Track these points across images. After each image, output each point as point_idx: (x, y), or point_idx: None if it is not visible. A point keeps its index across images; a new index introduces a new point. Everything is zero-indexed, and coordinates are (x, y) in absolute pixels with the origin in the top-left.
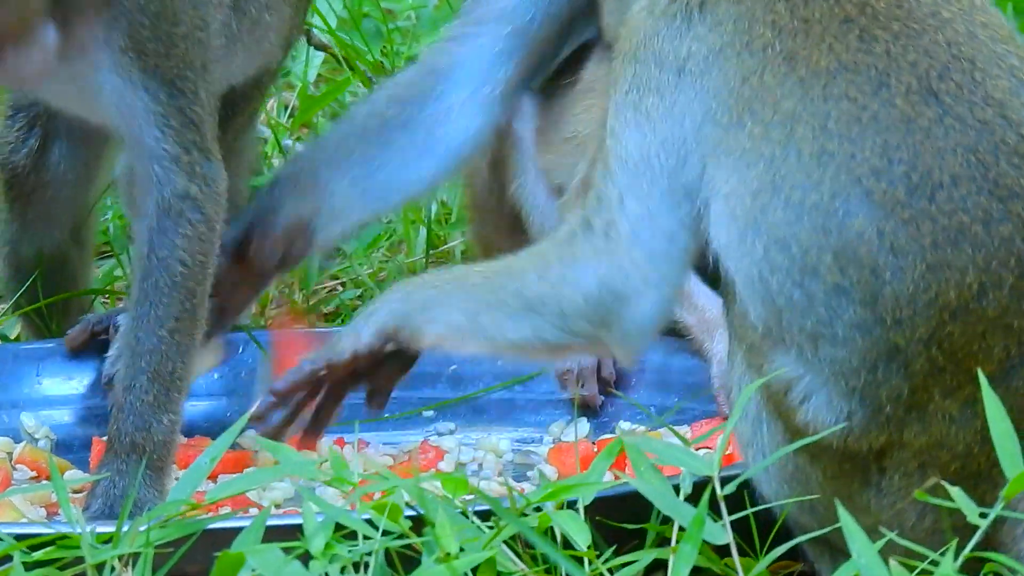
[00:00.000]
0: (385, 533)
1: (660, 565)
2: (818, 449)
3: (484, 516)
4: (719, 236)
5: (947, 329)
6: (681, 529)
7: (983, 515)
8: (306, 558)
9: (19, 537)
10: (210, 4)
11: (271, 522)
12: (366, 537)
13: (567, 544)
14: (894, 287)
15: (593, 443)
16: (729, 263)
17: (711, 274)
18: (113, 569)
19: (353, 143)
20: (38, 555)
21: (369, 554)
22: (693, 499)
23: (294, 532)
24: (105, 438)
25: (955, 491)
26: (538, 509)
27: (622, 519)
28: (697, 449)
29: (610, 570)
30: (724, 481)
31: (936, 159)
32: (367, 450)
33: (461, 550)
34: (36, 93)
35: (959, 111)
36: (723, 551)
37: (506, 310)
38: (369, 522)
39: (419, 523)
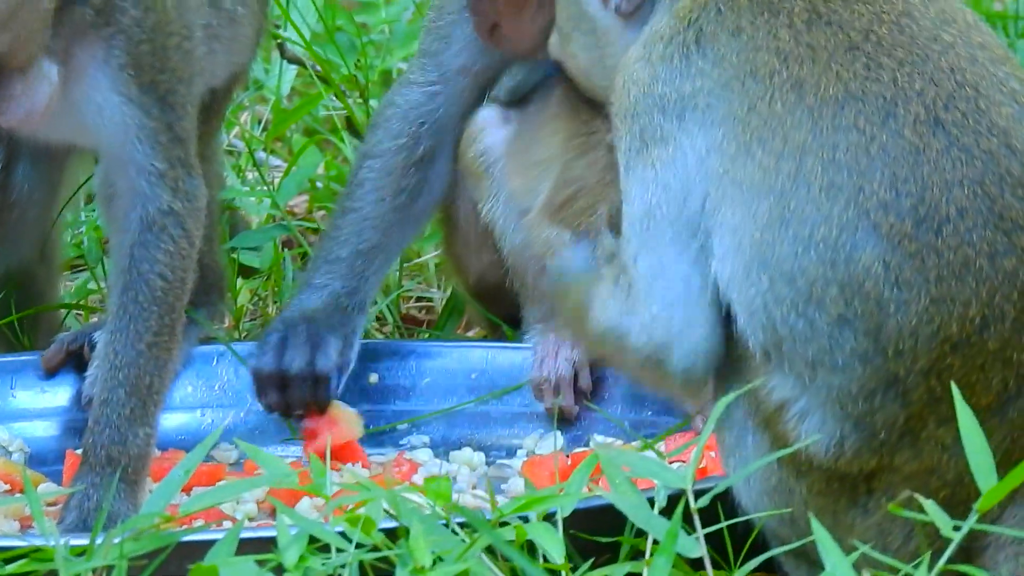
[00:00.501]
0: (359, 546)
1: None
2: (807, 466)
3: (460, 528)
4: (723, 268)
5: (948, 361)
6: (655, 542)
7: (956, 528)
8: (280, 571)
9: None
10: (191, 9)
11: (245, 534)
12: (339, 550)
13: (542, 556)
14: (898, 319)
15: (567, 456)
16: (731, 294)
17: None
18: None
19: (390, 228)
20: (12, 568)
21: (343, 566)
22: (668, 512)
23: (268, 545)
24: (79, 451)
25: (928, 504)
26: (523, 519)
27: (597, 532)
28: (672, 462)
29: None
30: (698, 494)
31: (943, 192)
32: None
33: (438, 561)
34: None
35: (965, 142)
36: (697, 564)
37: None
38: (343, 535)
39: (393, 535)
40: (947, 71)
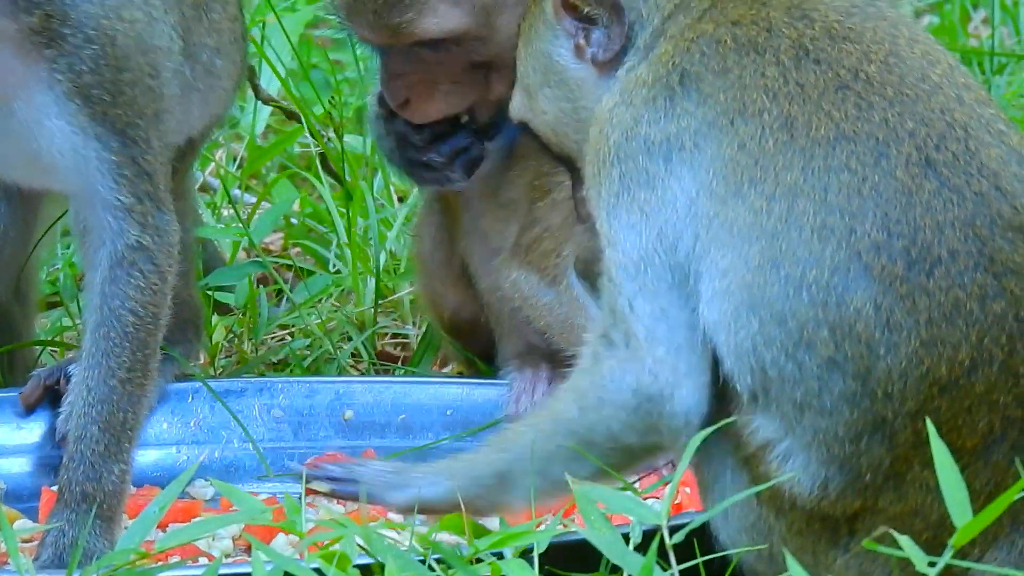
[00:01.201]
0: None
1: None
2: (788, 506)
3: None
4: (711, 311)
5: (935, 403)
6: None
7: (932, 564)
8: None
9: None
10: (159, 51)
11: (222, 571)
12: None
13: None
14: (887, 362)
15: None
16: (719, 337)
17: None
18: None
19: None
20: None
21: None
22: (644, 548)
23: None
24: (55, 488)
25: (903, 539)
26: (498, 555)
27: (572, 568)
28: (646, 499)
29: None
30: (673, 530)
31: (935, 233)
32: (317, 499)
33: None
34: None
35: (956, 183)
36: None
37: (567, 454)
38: (318, 571)
39: (369, 572)
40: (937, 111)
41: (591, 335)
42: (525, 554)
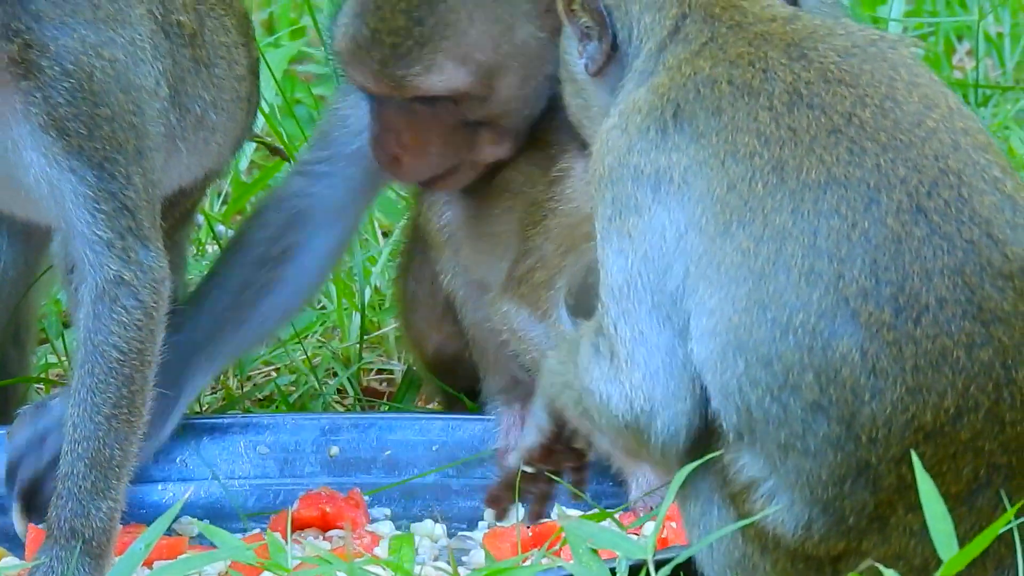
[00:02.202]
0: None
1: None
2: (773, 544)
3: None
4: (700, 349)
5: (920, 449)
6: None
7: None
8: None
9: None
10: (143, 90)
11: None
12: None
13: None
14: (872, 407)
15: (528, 528)
16: (707, 375)
17: None
18: None
19: (224, 324)
20: None
21: None
22: None
23: None
24: (41, 526)
25: (890, 573)
26: None
27: None
28: (632, 533)
29: None
30: (659, 565)
31: (924, 281)
32: (303, 535)
33: None
34: None
35: (947, 230)
36: None
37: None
38: None
39: None
40: (931, 158)
41: (588, 328)
42: None
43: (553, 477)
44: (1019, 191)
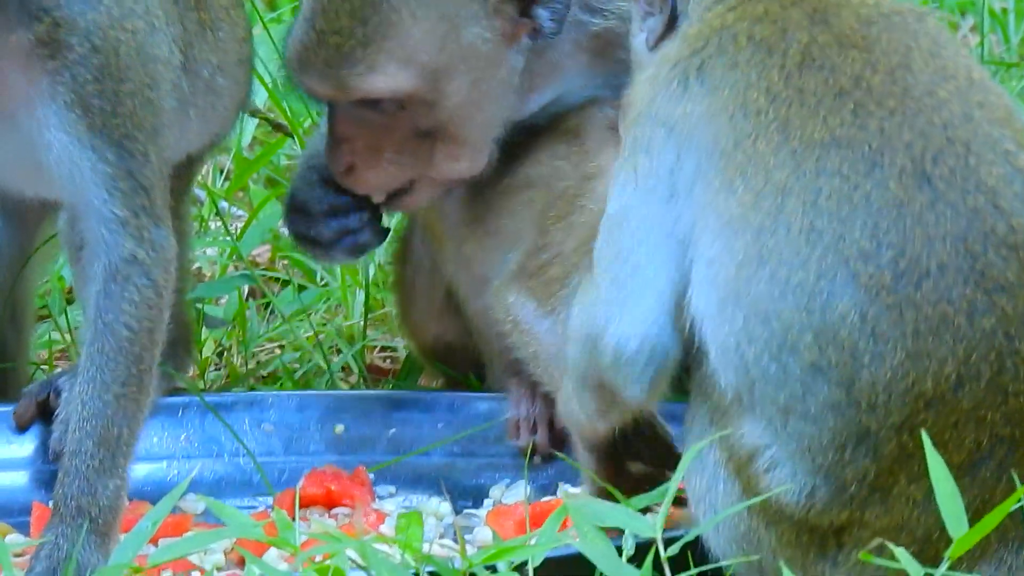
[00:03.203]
0: None
1: None
2: (777, 516)
3: None
4: (698, 302)
5: (920, 417)
6: None
7: (928, 575)
8: None
9: None
10: (159, 61)
11: None
12: None
13: None
14: (871, 372)
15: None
16: (705, 329)
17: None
18: None
19: None
20: None
21: None
22: (637, 560)
23: None
24: (47, 503)
25: (900, 551)
26: (491, 569)
27: None
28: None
29: None
30: (667, 542)
31: (925, 246)
32: (308, 512)
33: None
34: None
35: (951, 197)
36: None
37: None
38: None
39: None
40: (939, 126)
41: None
42: (519, 568)
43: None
44: None
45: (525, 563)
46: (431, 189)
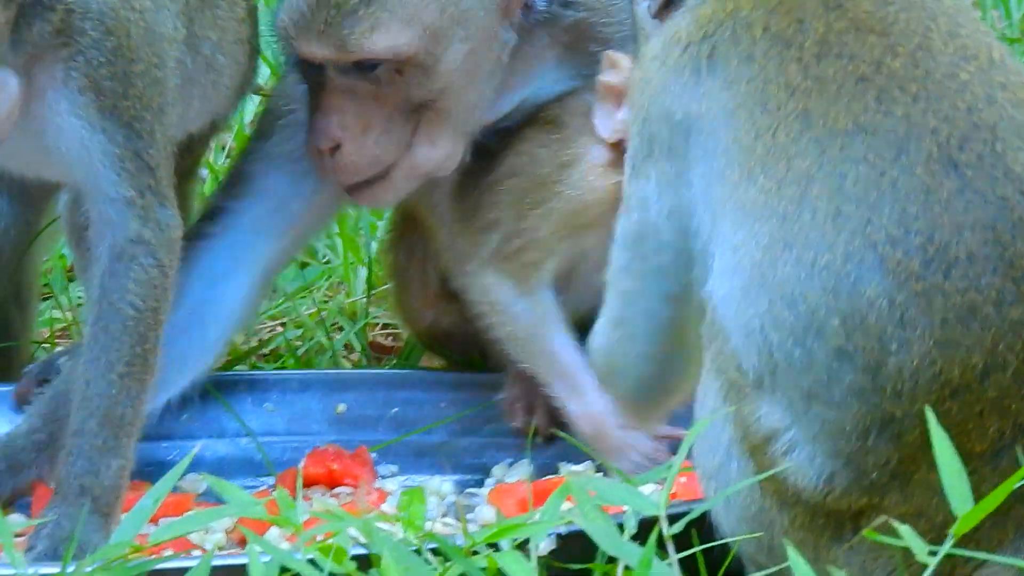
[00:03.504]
0: (330, 574)
1: None
2: (793, 499)
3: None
4: (720, 286)
5: (946, 405)
6: (628, 568)
7: (932, 553)
8: None
9: None
10: (164, 39)
11: (216, 562)
12: None
13: None
14: (898, 358)
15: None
16: (728, 312)
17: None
18: None
19: None
20: None
21: None
22: (641, 537)
23: (239, 573)
24: (46, 483)
25: (904, 529)
26: (493, 547)
27: (568, 559)
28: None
29: None
30: (672, 519)
31: (954, 234)
32: (310, 492)
33: None
34: None
35: (979, 185)
36: None
37: None
38: (313, 563)
39: (364, 564)
40: (963, 110)
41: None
42: (521, 545)
43: None
44: None
45: (527, 541)
46: (403, 181)
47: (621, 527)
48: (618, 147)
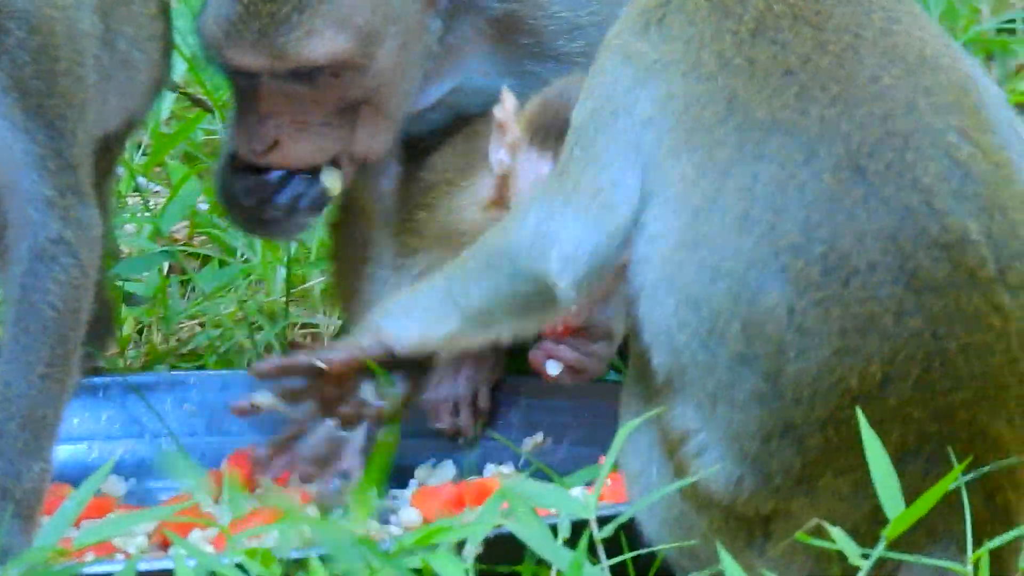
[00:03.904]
0: None
1: None
2: (707, 502)
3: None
4: (637, 276)
5: (846, 413)
6: (559, 572)
7: (865, 556)
8: None
9: None
10: (84, 36)
11: (143, 567)
12: None
13: None
14: (797, 366)
15: (457, 486)
16: (641, 307)
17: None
18: None
19: None
20: None
21: None
22: (572, 541)
23: None
24: None
25: (835, 531)
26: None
27: (497, 561)
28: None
29: None
30: (602, 522)
31: (855, 243)
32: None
33: None
34: None
35: (885, 194)
36: None
37: (471, 275)
38: (240, 567)
39: (294, 566)
40: (879, 117)
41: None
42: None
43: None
44: (975, 158)
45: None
46: (353, 165)
47: (554, 530)
48: (503, 184)
